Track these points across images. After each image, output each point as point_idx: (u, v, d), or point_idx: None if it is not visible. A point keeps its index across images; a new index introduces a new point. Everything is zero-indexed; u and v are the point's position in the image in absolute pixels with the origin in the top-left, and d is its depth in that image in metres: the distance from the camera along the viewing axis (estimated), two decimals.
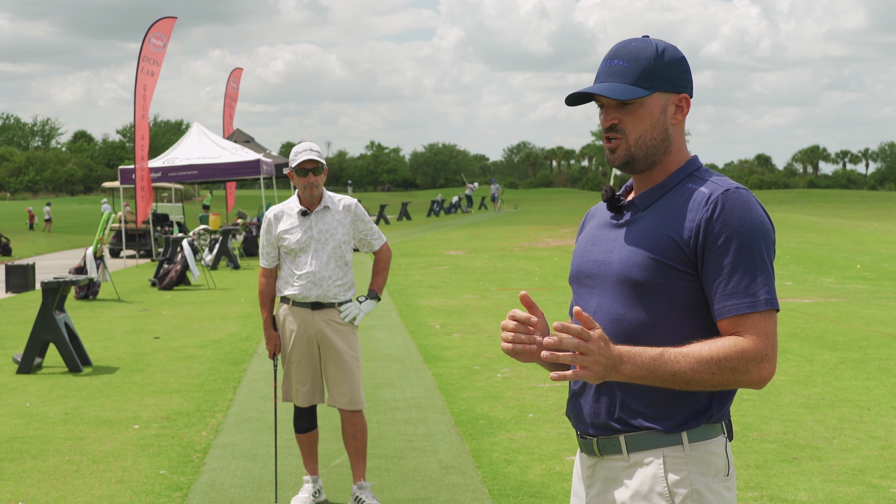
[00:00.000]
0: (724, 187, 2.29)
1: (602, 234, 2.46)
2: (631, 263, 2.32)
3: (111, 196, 47.56)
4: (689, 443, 2.30)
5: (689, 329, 2.28)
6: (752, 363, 2.20)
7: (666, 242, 2.29)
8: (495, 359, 9.86)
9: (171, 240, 19.13)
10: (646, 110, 2.34)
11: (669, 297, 2.29)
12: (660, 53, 2.34)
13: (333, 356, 5.45)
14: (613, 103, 2.35)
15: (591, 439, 2.40)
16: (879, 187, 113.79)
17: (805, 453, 6.29)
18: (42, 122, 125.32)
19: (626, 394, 2.32)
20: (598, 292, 2.40)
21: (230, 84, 36.57)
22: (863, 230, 35.82)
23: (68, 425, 7.41)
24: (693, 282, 2.29)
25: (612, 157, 2.39)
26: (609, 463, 2.37)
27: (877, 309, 13.42)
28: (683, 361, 2.18)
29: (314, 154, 5.41)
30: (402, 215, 49.58)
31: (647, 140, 2.35)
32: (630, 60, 2.34)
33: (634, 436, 2.32)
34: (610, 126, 2.37)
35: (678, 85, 2.37)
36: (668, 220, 2.32)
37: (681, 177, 2.38)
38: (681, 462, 2.30)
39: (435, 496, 5.63)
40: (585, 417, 2.40)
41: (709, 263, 2.26)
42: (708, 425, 2.32)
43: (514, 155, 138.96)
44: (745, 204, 2.27)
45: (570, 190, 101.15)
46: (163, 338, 11.80)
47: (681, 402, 2.29)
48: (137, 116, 24.62)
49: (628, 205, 2.43)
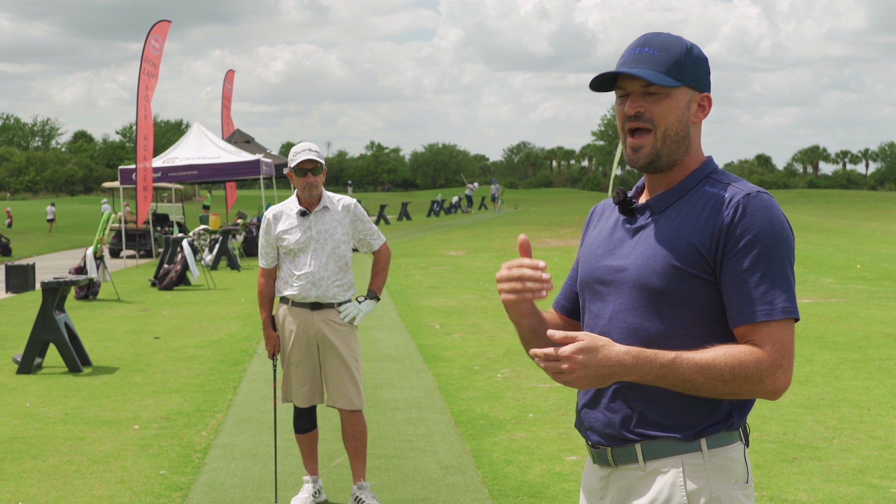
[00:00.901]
0: (745, 191, 2.22)
1: (615, 238, 2.36)
2: (649, 270, 2.23)
3: (111, 196, 47.57)
4: (708, 449, 2.23)
5: (709, 338, 2.20)
6: (765, 373, 2.12)
7: (686, 248, 2.21)
8: (495, 359, 9.86)
9: (171, 240, 19.13)
10: (673, 101, 2.26)
11: (689, 305, 2.21)
12: (689, 48, 2.29)
13: (333, 356, 5.45)
14: (640, 91, 2.26)
15: (605, 449, 2.31)
16: (879, 187, 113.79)
17: (805, 453, 6.29)
18: (42, 123, 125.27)
19: (644, 404, 2.24)
20: (612, 300, 2.31)
21: (225, 86, 36.69)
22: (863, 230, 35.82)
23: (68, 425, 7.41)
24: (713, 289, 2.21)
25: (636, 157, 2.29)
26: (624, 472, 2.29)
27: (877, 309, 13.42)
28: (696, 368, 2.11)
29: (313, 154, 5.41)
30: (402, 215, 49.58)
31: (671, 134, 2.26)
32: (661, 50, 2.26)
33: (651, 444, 2.25)
34: (636, 114, 2.26)
35: (702, 83, 2.31)
36: (687, 224, 2.23)
37: (698, 179, 2.30)
38: (700, 469, 2.22)
39: (435, 496, 5.63)
40: (599, 428, 2.32)
41: (727, 268, 2.18)
42: (727, 432, 2.25)
43: (514, 155, 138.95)
44: (767, 208, 2.19)
45: (570, 190, 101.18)
46: (163, 338, 11.80)
47: (702, 411, 2.22)
48: (140, 117, 24.63)
49: (642, 207, 2.34)
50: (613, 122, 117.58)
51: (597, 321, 2.34)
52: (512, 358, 9.75)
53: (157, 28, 25.54)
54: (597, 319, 2.34)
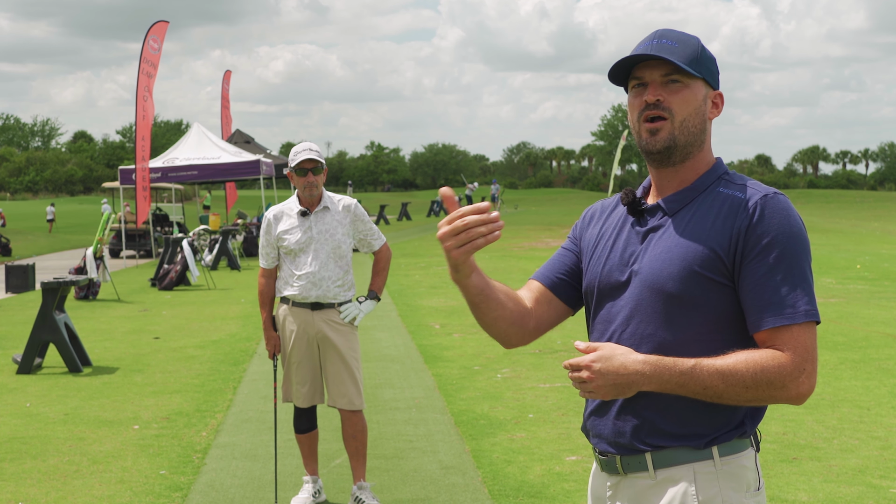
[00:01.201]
0: (761, 192, 2.17)
1: (623, 240, 2.28)
2: (665, 275, 2.15)
3: (111, 196, 47.57)
4: (719, 457, 2.17)
5: (724, 345, 2.14)
6: (789, 378, 2.07)
7: (704, 252, 2.14)
8: (495, 359, 9.86)
9: (170, 240, 19.13)
10: (691, 93, 2.21)
11: (705, 311, 2.15)
12: (703, 46, 2.26)
13: (333, 356, 5.45)
14: (659, 80, 2.21)
15: (614, 457, 2.25)
16: (879, 187, 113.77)
17: (805, 453, 6.29)
18: (42, 123, 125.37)
19: (655, 414, 2.18)
20: (622, 306, 2.23)
21: (223, 86, 36.70)
22: (863, 230, 35.81)
23: (68, 425, 7.41)
24: (730, 294, 2.15)
25: (653, 140, 2.21)
26: (633, 481, 2.24)
27: (877, 309, 13.42)
28: (717, 375, 2.05)
29: (313, 154, 5.40)
30: (402, 215, 49.57)
31: (689, 126, 2.20)
32: (679, 42, 2.22)
33: (661, 453, 2.19)
34: (655, 102, 2.20)
35: (716, 81, 2.28)
36: (703, 227, 2.17)
37: (711, 179, 2.24)
38: (712, 478, 2.17)
39: (435, 496, 5.63)
40: (608, 437, 2.26)
41: (746, 272, 2.12)
42: (738, 439, 2.20)
43: (514, 155, 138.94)
44: (785, 210, 2.15)
45: (570, 190, 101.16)
46: (163, 338, 11.80)
47: (716, 420, 2.17)
48: (138, 117, 24.64)
49: (652, 209, 2.26)
50: (613, 122, 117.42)
51: (607, 327, 2.27)
52: (512, 358, 9.75)
53: (154, 28, 25.57)
54: (607, 325, 2.27)
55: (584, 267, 2.38)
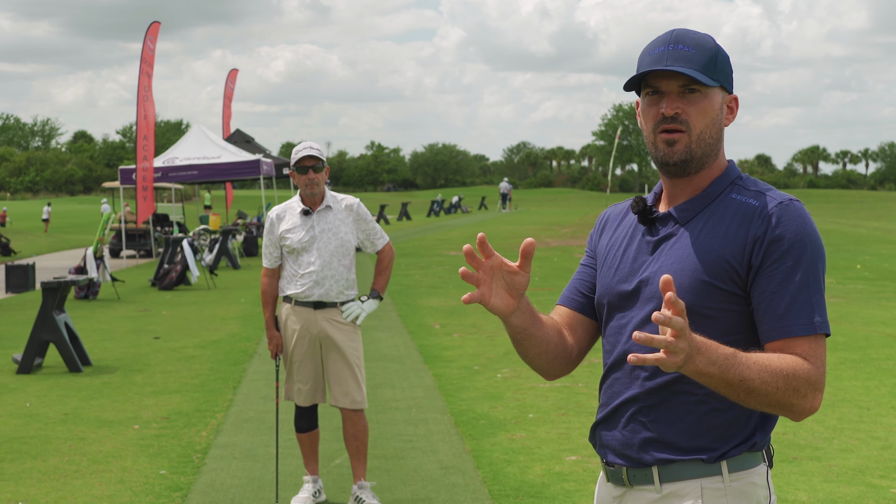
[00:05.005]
0: (777, 199, 2.10)
1: (634, 249, 2.22)
2: (676, 286, 2.02)
3: (111, 196, 47.57)
4: (728, 473, 2.10)
5: None
6: (810, 389, 1.99)
7: (716, 262, 2.07)
8: (495, 359, 9.86)
9: (170, 240, 19.13)
10: (710, 103, 2.12)
11: (716, 322, 2.07)
12: (718, 46, 2.15)
13: (335, 355, 5.45)
14: (677, 91, 2.11)
15: (620, 468, 2.19)
16: (879, 187, 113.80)
17: (805, 453, 6.29)
18: (42, 123, 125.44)
19: (664, 427, 2.12)
20: (634, 317, 2.16)
21: (227, 85, 36.63)
22: (863, 230, 35.81)
23: (68, 425, 7.40)
24: (743, 305, 2.08)
25: (671, 152, 2.12)
26: (639, 493, 2.18)
27: (877, 309, 13.42)
28: (755, 368, 1.94)
29: (314, 151, 5.41)
30: (402, 215, 49.55)
31: (706, 137, 2.12)
32: (696, 48, 2.11)
33: (669, 467, 2.12)
34: (673, 116, 2.11)
35: (731, 84, 2.19)
36: (716, 236, 2.09)
37: (723, 185, 2.16)
38: (720, 494, 2.09)
39: (435, 496, 5.63)
40: (615, 447, 2.20)
41: (761, 280, 2.05)
42: (749, 453, 2.12)
43: (514, 155, 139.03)
44: (801, 218, 2.08)
45: (570, 190, 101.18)
46: (163, 338, 11.80)
47: (727, 432, 2.11)
48: (139, 117, 24.65)
49: (664, 217, 2.18)
50: (614, 122, 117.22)
51: (618, 339, 2.21)
52: (512, 358, 9.75)
53: (151, 29, 25.69)
54: (618, 337, 2.21)
55: (598, 277, 2.32)
